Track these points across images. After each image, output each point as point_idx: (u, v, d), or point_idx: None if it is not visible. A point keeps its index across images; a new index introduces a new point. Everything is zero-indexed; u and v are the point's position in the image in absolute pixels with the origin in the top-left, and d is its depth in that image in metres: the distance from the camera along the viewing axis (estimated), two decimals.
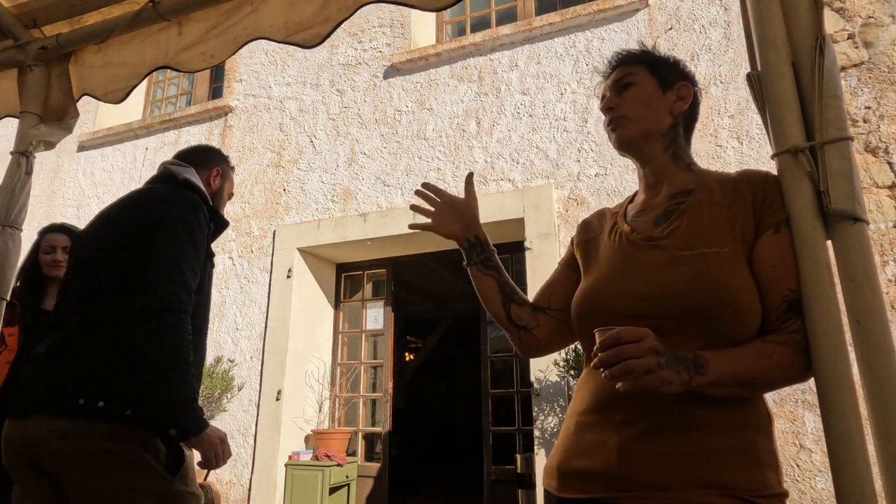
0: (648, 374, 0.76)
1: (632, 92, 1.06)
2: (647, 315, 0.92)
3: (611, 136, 1.09)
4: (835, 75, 0.91)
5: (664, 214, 1.02)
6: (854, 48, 3.45)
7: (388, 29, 4.90)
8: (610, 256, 1.05)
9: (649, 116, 1.05)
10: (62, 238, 2.34)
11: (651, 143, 1.06)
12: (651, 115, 1.05)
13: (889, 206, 3.18)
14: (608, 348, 0.78)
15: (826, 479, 2.98)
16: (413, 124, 4.58)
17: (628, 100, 1.06)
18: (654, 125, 1.05)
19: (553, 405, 3.65)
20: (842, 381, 0.81)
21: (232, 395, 4.59)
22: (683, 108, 1.07)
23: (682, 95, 1.07)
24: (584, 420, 0.98)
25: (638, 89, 1.06)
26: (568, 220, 3.89)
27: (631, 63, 1.09)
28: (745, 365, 0.84)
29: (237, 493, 4.39)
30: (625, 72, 1.09)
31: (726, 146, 3.62)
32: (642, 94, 1.06)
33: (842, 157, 0.87)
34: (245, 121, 5.29)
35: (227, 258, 4.97)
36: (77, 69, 1.86)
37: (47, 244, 2.32)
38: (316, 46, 1.53)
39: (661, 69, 1.08)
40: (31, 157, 1.79)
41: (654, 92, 1.06)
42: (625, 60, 1.11)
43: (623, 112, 1.06)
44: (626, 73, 1.08)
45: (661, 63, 1.09)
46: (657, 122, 1.05)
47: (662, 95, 1.06)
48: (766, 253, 0.91)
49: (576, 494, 0.94)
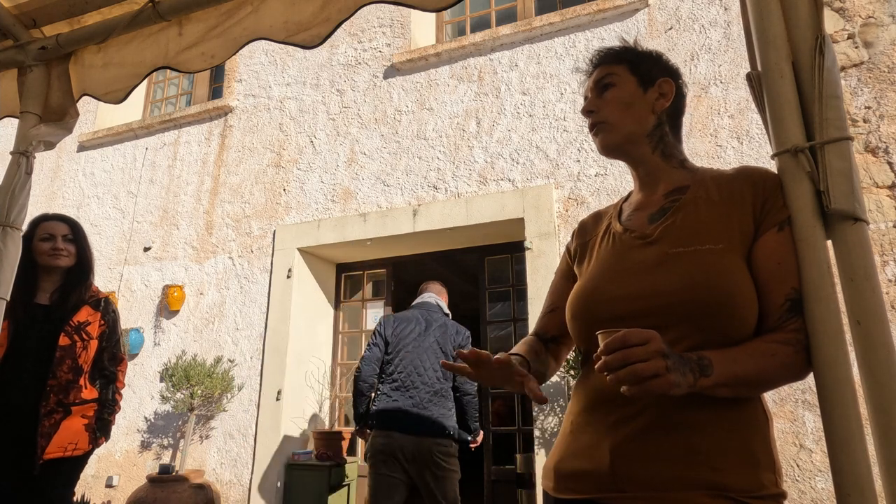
0: (656, 377, 0.73)
1: (612, 93, 1.05)
2: (640, 314, 0.92)
3: (594, 139, 1.08)
4: (835, 75, 0.91)
5: (659, 212, 1.02)
6: (854, 48, 3.45)
7: (388, 29, 4.90)
8: (604, 257, 1.05)
9: (631, 119, 1.04)
10: (61, 226, 2.25)
11: (637, 145, 1.05)
12: (632, 118, 1.04)
13: (889, 206, 3.18)
14: (612, 351, 0.75)
15: (826, 479, 2.98)
16: (413, 124, 4.58)
17: (609, 103, 1.05)
18: (636, 128, 1.04)
19: (553, 405, 3.65)
20: (842, 381, 0.81)
21: (232, 395, 4.59)
22: (665, 106, 1.05)
23: (664, 92, 1.05)
24: (579, 421, 0.98)
25: (618, 90, 1.05)
26: (568, 219, 3.89)
27: (612, 62, 1.08)
28: (748, 365, 0.83)
29: (237, 493, 4.39)
30: (605, 72, 1.07)
31: (726, 146, 3.62)
32: (623, 96, 1.05)
33: (842, 157, 0.87)
34: (245, 121, 5.29)
35: (227, 258, 4.97)
36: (77, 69, 1.86)
37: (45, 232, 2.22)
38: (316, 47, 1.53)
39: (641, 66, 1.06)
40: (31, 157, 1.79)
41: (634, 92, 1.05)
42: (605, 59, 1.09)
43: (604, 116, 1.05)
44: (607, 73, 1.07)
45: (643, 60, 1.08)
46: (640, 124, 1.04)
47: (643, 95, 1.05)
48: (770, 251, 0.90)
49: (571, 495, 0.94)
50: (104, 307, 2.31)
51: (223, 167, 5.24)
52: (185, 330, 4.95)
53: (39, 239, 2.22)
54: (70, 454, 2.10)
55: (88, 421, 2.18)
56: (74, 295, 2.23)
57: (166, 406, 4.67)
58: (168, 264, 5.19)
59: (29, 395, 2.07)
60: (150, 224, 5.39)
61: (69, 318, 2.18)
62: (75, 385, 2.15)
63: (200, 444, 4.61)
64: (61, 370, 2.11)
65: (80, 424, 2.15)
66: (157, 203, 5.44)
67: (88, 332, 2.22)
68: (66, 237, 2.25)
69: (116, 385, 2.32)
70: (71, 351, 2.15)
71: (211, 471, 4.51)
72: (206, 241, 5.09)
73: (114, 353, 2.32)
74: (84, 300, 2.25)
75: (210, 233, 5.10)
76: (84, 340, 2.19)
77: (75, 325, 2.18)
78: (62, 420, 2.09)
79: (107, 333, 2.30)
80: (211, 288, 4.94)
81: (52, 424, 2.06)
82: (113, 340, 2.33)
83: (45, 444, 2.04)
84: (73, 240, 2.27)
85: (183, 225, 5.25)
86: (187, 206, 5.28)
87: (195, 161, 5.40)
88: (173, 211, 5.34)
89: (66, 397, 2.11)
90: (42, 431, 2.04)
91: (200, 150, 5.41)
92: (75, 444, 2.12)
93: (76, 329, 2.18)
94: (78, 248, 2.29)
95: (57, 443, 2.06)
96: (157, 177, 5.54)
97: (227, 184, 5.17)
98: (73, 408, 2.14)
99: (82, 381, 2.18)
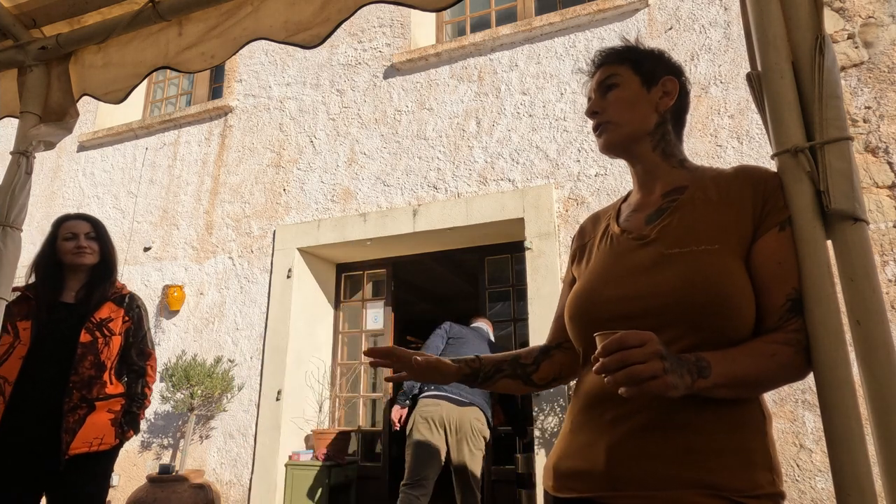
0: (653, 379, 0.73)
1: (616, 94, 1.05)
2: (637, 315, 0.92)
3: (598, 139, 1.08)
4: (835, 75, 0.91)
5: (656, 213, 1.02)
6: (854, 48, 3.45)
7: (388, 29, 4.90)
8: (602, 258, 1.05)
9: (634, 118, 1.04)
10: (84, 224, 2.27)
11: (638, 143, 1.05)
12: (636, 117, 1.04)
13: (889, 206, 3.18)
14: (610, 353, 0.75)
15: (826, 479, 2.98)
16: (413, 124, 4.58)
17: (613, 103, 1.05)
18: (639, 126, 1.04)
19: (553, 405, 3.65)
20: (842, 380, 0.81)
21: (232, 395, 4.59)
22: (669, 105, 1.05)
23: (668, 91, 1.05)
24: (578, 420, 0.98)
25: (622, 91, 1.05)
26: (568, 220, 3.89)
27: (614, 62, 1.08)
28: (747, 366, 0.83)
29: (237, 493, 4.39)
30: (609, 72, 1.07)
31: (726, 146, 3.62)
32: (627, 96, 1.05)
33: (842, 157, 0.87)
34: (245, 121, 5.29)
35: (227, 258, 4.97)
36: (77, 69, 1.86)
37: (67, 231, 2.24)
38: (316, 47, 1.53)
39: (645, 66, 1.06)
40: (31, 157, 1.79)
41: (638, 91, 1.05)
42: (608, 59, 1.09)
43: (608, 117, 1.05)
44: (610, 73, 1.07)
45: (645, 59, 1.07)
46: (643, 123, 1.04)
47: (647, 94, 1.05)
48: (770, 251, 0.90)
49: (570, 494, 0.95)
50: (128, 303, 2.32)
51: (223, 167, 5.24)
52: (185, 330, 4.95)
53: (63, 238, 2.24)
54: (96, 449, 2.09)
55: (115, 415, 2.18)
56: (98, 292, 2.25)
57: (166, 406, 4.67)
58: (168, 264, 5.19)
59: (52, 393, 2.07)
60: (150, 224, 5.39)
61: (91, 315, 2.19)
62: (98, 380, 2.15)
63: (200, 444, 4.61)
64: (83, 366, 2.12)
65: (106, 419, 2.15)
66: (157, 203, 5.44)
67: (111, 329, 2.22)
68: (89, 235, 2.27)
69: (146, 379, 2.31)
70: (92, 347, 2.16)
71: (211, 471, 4.51)
72: (206, 241, 5.09)
73: (141, 349, 2.33)
74: (107, 297, 2.26)
75: (210, 233, 5.10)
76: (106, 337, 2.20)
77: (97, 321, 2.20)
78: (87, 415, 2.09)
79: (132, 329, 2.31)
80: (211, 288, 4.94)
81: (76, 420, 2.06)
82: (139, 336, 2.33)
83: (70, 440, 2.04)
84: (95, 237, 2.29)
85: (183, 225, 5.25)
86: (187, 206, 5.28)
87: (195, 161, 5.40)
88: (173, 211, 5.34)
89: (90, 392, 2.12)
90: (66, 427, 2.04)
91: (200, 150, 5.41)
92: (101, 439, 2.11)
93: (97, 325, 2.19)
94: (101, 245, 2.32)
95: (82, 438, 2.06)
96: (157, 177, 5.54)
97: (227, 184, 5.17)
98: (98, 403, 2.13)
99: (106, 376, 2.18)
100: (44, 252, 2.24)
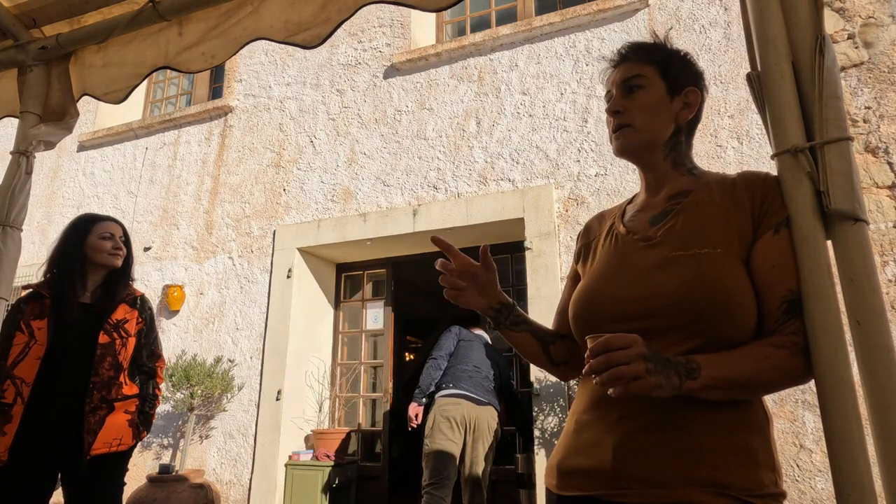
0: (637, 380, 0.76)
1: (642, 97, 1.02)
2: (640, 316, 0.92)
3: (613, 140, 1.06)
4: (835, 75, 0.91)
5: (661, 214, 1.02)
6: (854, 48, 3.45)
7: (388, 29, 4.90)
8: (605, 258, 1.05)
9: (654, 126, 1.02)
10: (118, 227, 2.29)
11: (652, 151, 1.04)
12: (656, 125, 1.02)
13: (889, 206, 3.18)
14: (598, 355, 0.78)
15: (826, 479, 2.98)
16: (413, 124, 4.58)
17: (636, 106, 1.03)
18: (657, 135, 1.03)
19: (553, 405, 3.65)
20: (842, 381, 0.81)
21: (232, 395, 4.59)
22: (688, 118, 1.04)
23: (689, 102, 1.04)
24: (583, 419, 0.98)
25: (647, 94, 1.02)
26: (568, 219, 3.89)
27: (642, 61, 1.04)
28: (739, 368, 0.84)
29: (237, 493, 4.39)
30: (635, 70, 1.04)
31: (726, 146, 3.62)
32: (650, 102, 1.02)
33: (842, 157, 0.87)
34: (245, 121, 5.29)
35: (227, 258, 4.97)
36: (77, 69, 1.86)
37: (105, 230, 2.23)
38: (316, 47, 1.53)
39: (671, 71, 1.04)
40: (31, 157, 1.79)
41: (662, 98, 1.02)
42: (636, 56, 1.06)
43: (630, 119, 1.03)
44: (637, 73, 1.04)
45: (673, 63, 1.05)
46: (661, 132, 1.03)
47: (669, 102, 1.03)
48: (766, 253, 0.90)
49: (574, 492, 0.95)
50: (140, 305, 2.34)
51: (223, 167, 5.24)
52: (185, 330, 4.95)
53: (99, 237, 2.23)
54: (115, 449, 2.12)
55: (131, 416, 2.21)
56: (119, 293, 2.27)
57: (166, 406, 4.67)
58: (168, 264, 5.19)
59: (73, 394, 2.09)
60: (150, 224, 5.39)
61: (108, 316, 2.20)
62: (116, 381, 2.17)
63: (200, 444, 4.61)
64: (103, 367, 2.14)
65: (124, 420, 2.17)
66: (156, 203, 5.44)
67: (127, 330, 2.25)
68: (122, 238, 2.29)
69: (156, 380, 2.35)
70: (111, 348, 2.17)
71: (211, 471, 4.51)
72: (206, 240, 5.09)
73: (152, 350, 2.36)
74: (122, 298, 2.28)
75: (210, 233, 5.10)
76: (123, 338, 2.22)
77: (114, 322, 2.22)
78: (106, 416, 2.12)
79: (144, 331, 2.34)
80: (211, 288, 4.94)
81: (97, 421, 2.08)
82: (151, 337, 2.36)
83: (92, 441, 2.05)
84: (125, 242, 2.31)
85: (183, 225, 5.25)
86: (187, 206, 5.28)
87: (195, 161, 5.40)
88: (173, 211, 5.34)
89: (109, 393, 2.14)
90: (88, 428, 2.05)
91: (200, 150, 5.41)
92: (120, 440, 2.14)
93: (115, 327, 2.21)
94: (128, 250, 2.34)
95: (103, 439, 2.09)
96: (157, 177, 5.54)
97: (227, 184, 5.17)
98: (116, 403, 2.16)
99: (122, 377, 2.21)
100: (68, 249, 2.20)
